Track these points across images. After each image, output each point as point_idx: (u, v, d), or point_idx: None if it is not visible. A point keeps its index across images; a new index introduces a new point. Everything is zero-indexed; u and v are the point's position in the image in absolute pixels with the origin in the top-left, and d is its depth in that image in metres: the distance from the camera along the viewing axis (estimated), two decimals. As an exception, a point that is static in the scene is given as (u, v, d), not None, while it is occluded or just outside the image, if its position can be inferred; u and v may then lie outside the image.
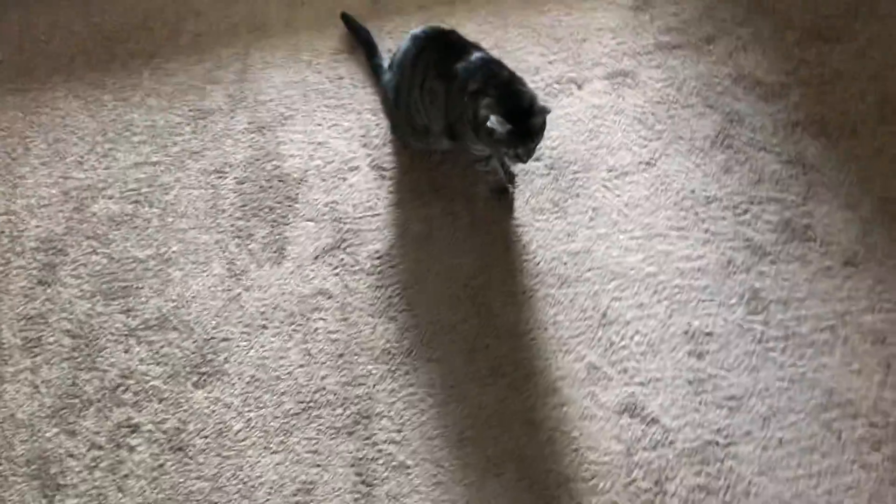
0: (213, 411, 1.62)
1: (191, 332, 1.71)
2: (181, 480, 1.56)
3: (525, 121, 1.57)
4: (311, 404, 1.61)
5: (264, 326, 1.71)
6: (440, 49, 1.71)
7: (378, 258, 1.78)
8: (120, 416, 1.62)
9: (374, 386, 1.62)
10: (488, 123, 1.54)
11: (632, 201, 1.81)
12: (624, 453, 1.53)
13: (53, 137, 2.02)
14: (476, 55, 1.67)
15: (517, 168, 1.86)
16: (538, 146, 1.64)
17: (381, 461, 1.55)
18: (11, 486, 1.56)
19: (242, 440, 1.59)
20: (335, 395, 1.62)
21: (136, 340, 1.71)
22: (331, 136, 1.96)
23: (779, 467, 1.51)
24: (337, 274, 1.76)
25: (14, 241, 1.86)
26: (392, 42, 2.09)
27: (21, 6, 2.27)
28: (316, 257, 1.79)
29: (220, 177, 1.92)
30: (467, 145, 1.72)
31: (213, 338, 1.70)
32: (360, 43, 2.07)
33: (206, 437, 1.59)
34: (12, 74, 2.15)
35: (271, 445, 1.58)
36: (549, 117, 1.59)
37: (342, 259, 1.78)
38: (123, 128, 2.02)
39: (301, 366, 1.65)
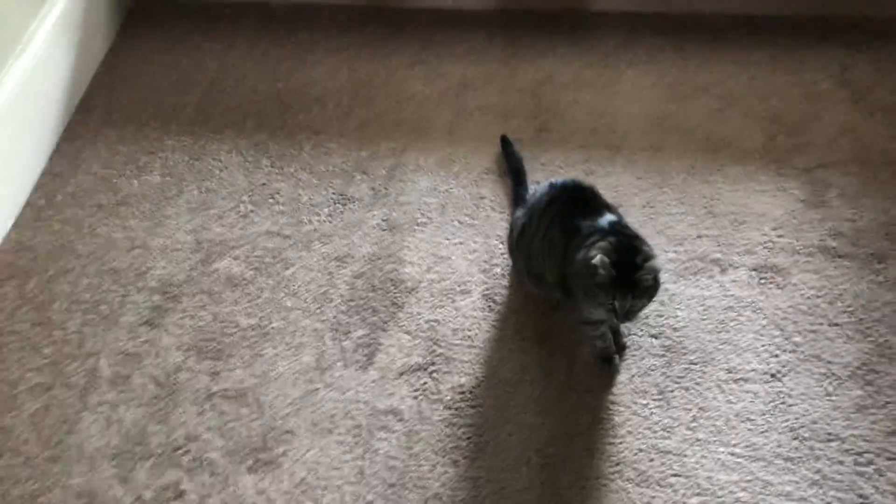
0: (256, 502, 1.60)
1: (262, 413, 1.72)
2: (204, 562, 1.55)
3: (632, 273, 1.48)
4: (348, 527, 1.56)
5: (330, 430, 1.68)
6: (573, 203, 1.66)
7: (460, 393, 1.72)
8: (172, 477, 1.64)
9: (415, 529, 1.55)
10: (594, 261, 1.47)
11: (744, 412, 1.65)
12: None
13: (206, 187, 2.13)
14: (607, 217, 1.60)
15: (629, 340, 1.76)
16: (641, 310, 1.55)
17: None
18: (56, 513, 1.61)
19: (272, 542, 1.56)
20: (374, 525, 1.56)
21: (211, 406, 1.74)
22: (454, 253, 1.94)
23: None
24: (415, 397, 1.72)
25: (139, 277, 1.96)
26: (544, 174, 2.06)
27: (218, 58, 2.45)
28: (401, 373, 1.76)
29: (340, 266, 1.94)
30: (578, 304, 1.64)
31: (279, 427, 1.70)
32: (510, 169, 2.05)
33: (240, 526, 1.58)
34: (193, 118, 2.30)
35: (297, 557, 1.54)
36: (679, 297, 1.50)
37: (425, 383, 1.74)
38: (269, 195, 2.10)
39: (351, 483, 1.61)
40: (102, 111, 2.35)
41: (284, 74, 2.40)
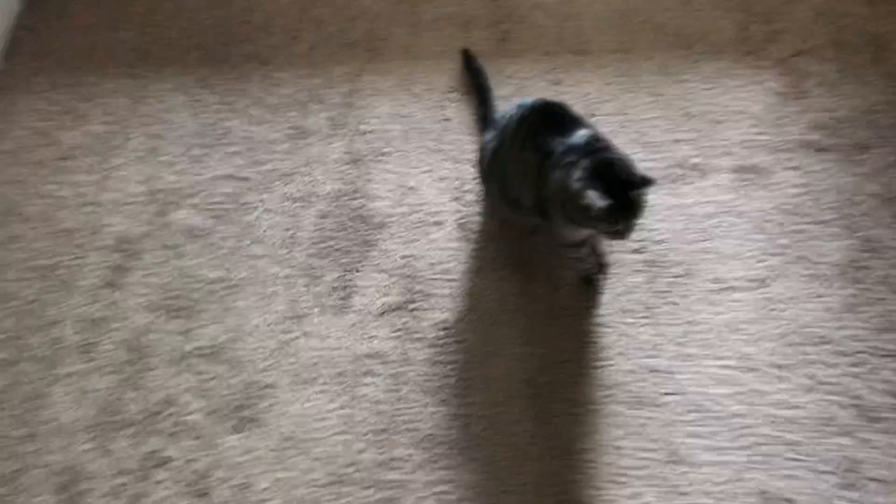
0: (244, 462, 1.56)
1: (240, 369, 1.66)
2: (198, 528, 1.52)
3: (625, 193, 1.39)
4: (342, 479, 1.52)
5: (313, 380, 1.63)
6: (543, 121, 1.56)
7: (443, 329, 1.66)
8: (154, 444, 1.59)
9: (410, 473, 1.52)
10: (583, 200, 1.38)
11: (733, 323, 1.61)
12: None
13: (153, 132, 1.99)
14: (580, 133, 1.51)
15: (611, 258, 1.70)
16: (638, 222, 1.47)
17: (399, 558, 1.46)
18: (40, 493, 1.56)
19: (265, 501, 1.52)
20: (368, 473, 1.52)
21: (187, 366, 1.67)
22: (423, 182, 1.85)
23: None
24: (398, 337, 1.66)
25: (93, 235, 1.85)
26: (510, 88, 1.94)
27: (150, -12, 2.27)
28: (381, 314, 1.69)
29: (304, 206, 1.85)
30: (557, 227, 1.57)
31: (259, 381, 1.64)
32: (475, 87, 1.93)
33: (231, 487, 1.54)
34: (130, 57, 2.14)
35: (292, 513, 1.51)
36: (659, 208, 1.44)
37: (406, 322, 1.68)
38: (221, 135, 1.97)
39: (340, 433, 1.57)
40: (30, 58, 2.17)
41: (223, 1, 2.23)
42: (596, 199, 1.36)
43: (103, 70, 2.12)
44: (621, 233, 1.44)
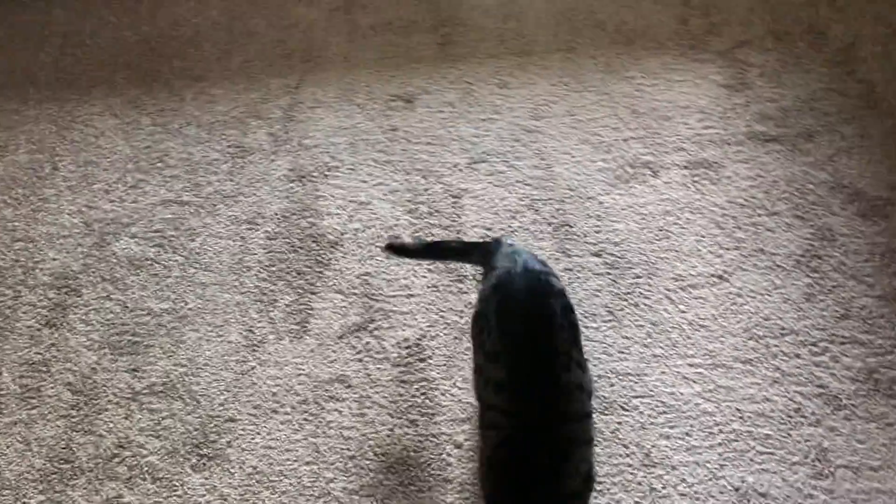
0: (208, 502, 1.49)
1: (196, 404, 1.58)
2: (164, 576, 1.45)
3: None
4: (313, 512, 1.47)
5: (274, 411, 1.57)
6: (516, 310, 1.26)
7: (406, 348, 1.62)
8: (110, 491, 1.51)
9: (384, 500, 1.47)
10: None
11: (696, 320, 1.61)
12: None
13: (84, 159, 1.89)
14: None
15: (570, 262, 1.68)
16: None
17: (379, 589, 1.41)
18: (-12, 554, 1.47)
19: (234, 541, 1.46)
20: (340, 504, 1.47)
21: (139, 406, 1.59)
22: (374, 195, 1.80)
23: None
24: (360, 360, 1.61)
25: (27, 274, 1.75)
26: (459, 93, 1.91)
27: (67, 5, 2.14)
28: (340, 336, 1.64)
29: (251, 228, 1.77)
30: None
31: (218, 415, 1.57)
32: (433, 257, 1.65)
33: (196, 530, 1.47)
34: (52, 80, 2.03)
35: (264, 552, 1.45)
36: (615, 209, 1.50)
37: (367, 343, 1.63)
38: (157, 158, 1.88)
39: (307, 463, 1.51)
40: (-57, 85, 2.04)
41: (147, 15, 2.13)
42: None
43: (24, 95, 2.01)
44: None
